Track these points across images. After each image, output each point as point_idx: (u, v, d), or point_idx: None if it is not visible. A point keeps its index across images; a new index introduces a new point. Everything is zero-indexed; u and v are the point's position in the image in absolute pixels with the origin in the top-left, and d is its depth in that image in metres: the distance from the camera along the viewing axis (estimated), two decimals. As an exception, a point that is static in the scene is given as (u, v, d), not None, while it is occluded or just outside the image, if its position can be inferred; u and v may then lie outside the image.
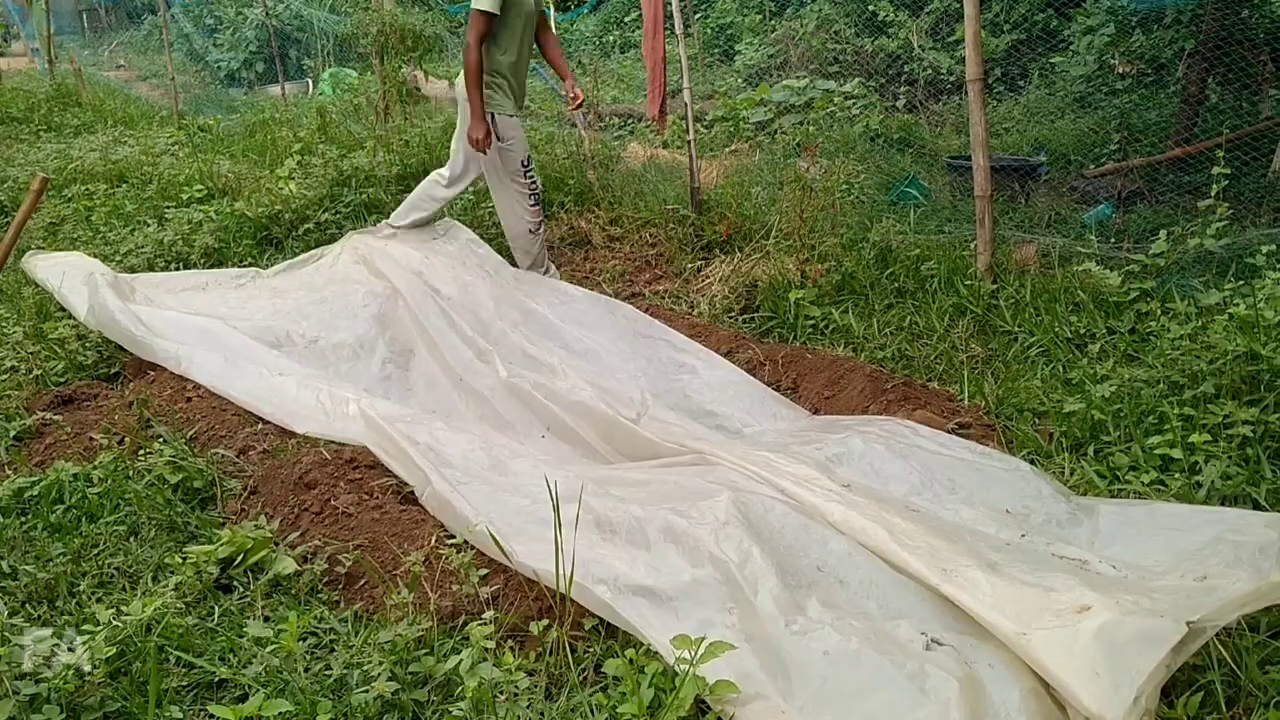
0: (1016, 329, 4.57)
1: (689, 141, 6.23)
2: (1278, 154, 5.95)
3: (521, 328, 4.87)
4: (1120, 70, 8.30)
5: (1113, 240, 5.56)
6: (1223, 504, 3.09)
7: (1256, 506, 3.04)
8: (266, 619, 2.89)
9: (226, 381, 4.40)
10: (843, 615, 2.62)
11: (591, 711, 2.46)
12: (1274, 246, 4.19)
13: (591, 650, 2.70)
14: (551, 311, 4.97)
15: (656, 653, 2.53)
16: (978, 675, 2.36)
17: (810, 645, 2.51)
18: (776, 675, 2.45)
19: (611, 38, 15.43)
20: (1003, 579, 2.59)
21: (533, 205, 5.67)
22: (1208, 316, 3.99)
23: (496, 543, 2.94)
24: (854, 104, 8.90)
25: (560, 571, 2.73)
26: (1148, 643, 2.23)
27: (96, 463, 3.70)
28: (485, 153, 5.44)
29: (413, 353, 4.85)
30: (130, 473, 3.65)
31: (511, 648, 2.72)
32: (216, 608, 2.95)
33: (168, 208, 7.28)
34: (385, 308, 5.20)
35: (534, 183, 5.66)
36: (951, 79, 9.66)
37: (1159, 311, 4.19)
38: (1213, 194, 4.52)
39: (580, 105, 5.78)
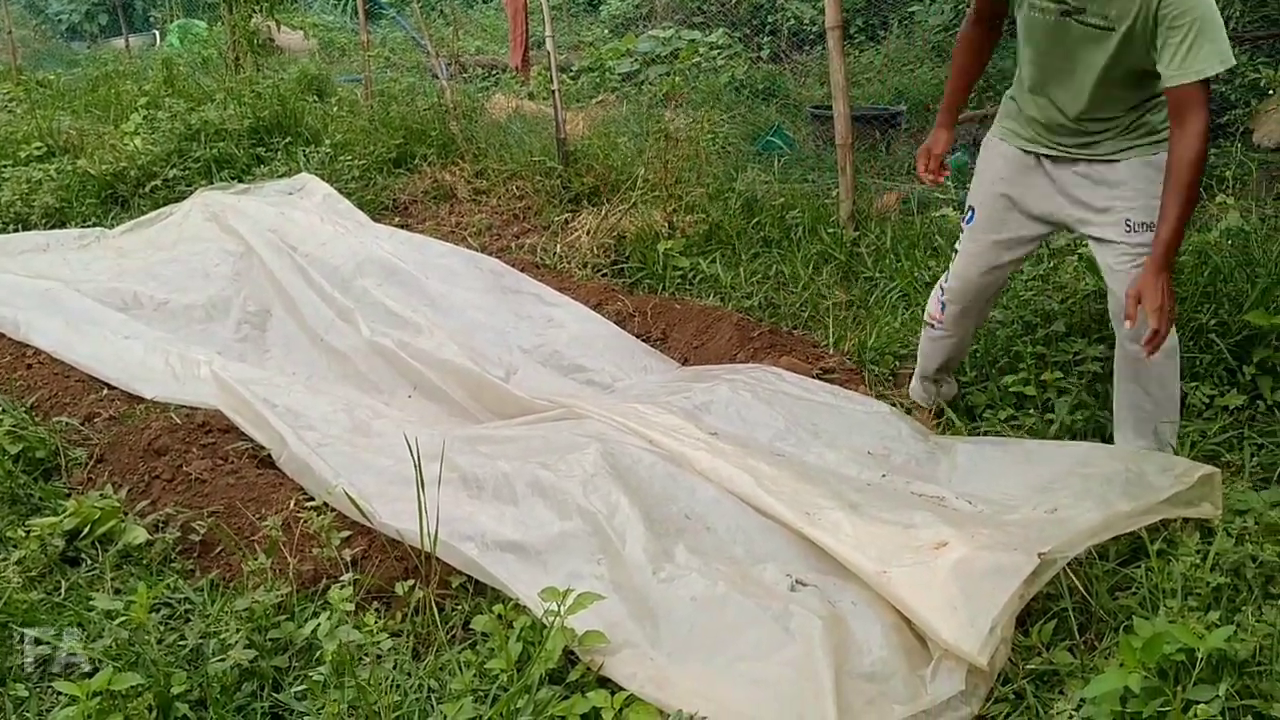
0: (878, 275, 4.64)
1: (554, 92, 6.13)
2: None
3: (385, 285, 4.73)
4: (976, 20, 8.45)
5: (969, 186, 5.68)
6: (1073, 439, 3.20)
7: (1105, 440, 3.15)
8: (117, 591, 2.76)
9: (68, 346, 4.19)
10: (710, 561, 2.63)
11: (460, 669, 2.43)
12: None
13: (460, 608, 2.66)
14: (416, 268, 4.83)
15: (525, 607, 2.51)
16: (841, 613, 2.40)
17: (678, 592, 2.52)
18: (644, 623, 2.45)
19: (475, -13, 15.14)
20: (864, 519, 2.63)
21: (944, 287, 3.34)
22: (1059, 258, 4.12)
23: (355, 504, 2.87)
24: (719, 54, 8.91)
25: (425, 530, 2.67)
26: (1001, 575, 2.30)
27: (-72, 436, 3.50)
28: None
29: (270, 313, 4.68)
30: (-34, 445, 3.45)
31: (377, 609, 2.66)
32: (64, 581, 2.82)
33: (4, 167, 6.88)
34: (239, 266, 4.99)
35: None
36: (814, 29, 9.73)
37: (1013, 254, 4.30)
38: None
39: None
